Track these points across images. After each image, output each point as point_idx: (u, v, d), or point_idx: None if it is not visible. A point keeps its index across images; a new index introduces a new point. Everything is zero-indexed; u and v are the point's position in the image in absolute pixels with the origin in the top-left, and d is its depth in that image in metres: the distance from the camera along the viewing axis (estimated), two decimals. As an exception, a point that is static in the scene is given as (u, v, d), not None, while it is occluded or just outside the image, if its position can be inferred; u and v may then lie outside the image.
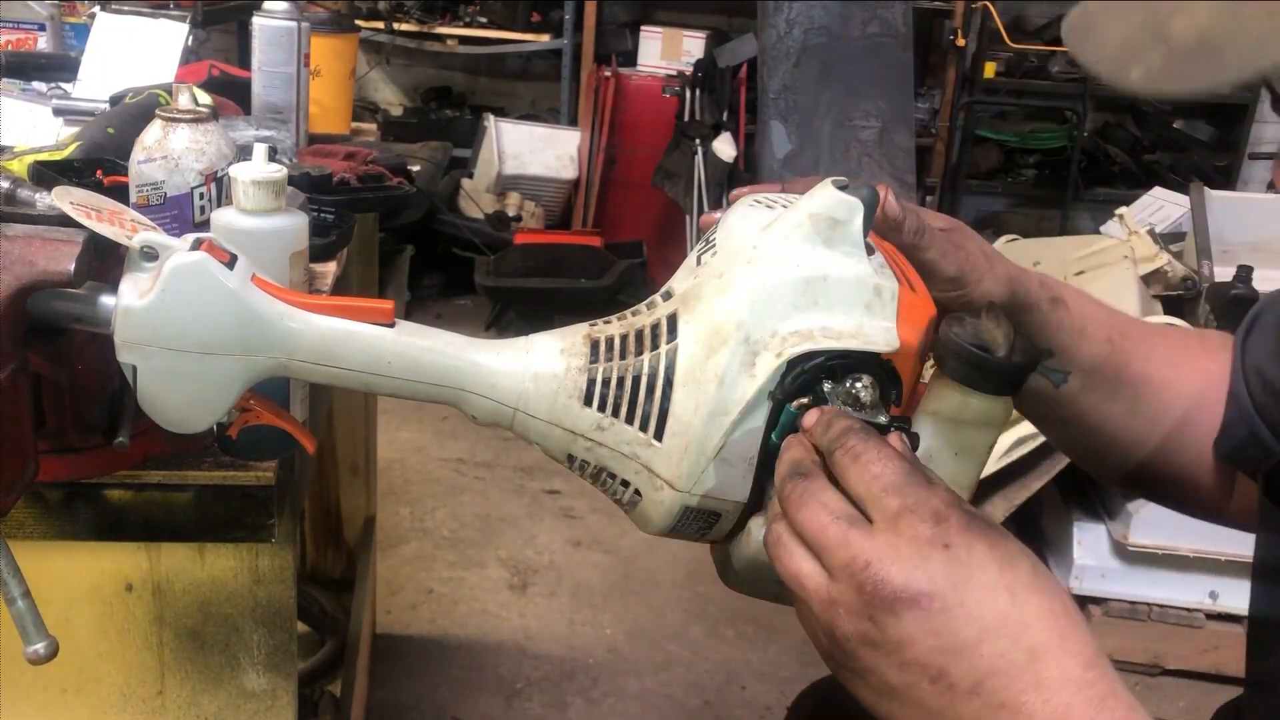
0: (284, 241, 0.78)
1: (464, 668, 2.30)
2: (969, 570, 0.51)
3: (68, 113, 1.42)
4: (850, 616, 0.53)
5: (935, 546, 0.52)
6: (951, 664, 0.51)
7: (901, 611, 0.51)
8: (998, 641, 0.51)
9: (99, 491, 0.78)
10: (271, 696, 0.87)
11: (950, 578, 0.51)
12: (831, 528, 0.54)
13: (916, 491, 0.53)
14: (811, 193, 0.62)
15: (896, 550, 0.52)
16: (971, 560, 0.52)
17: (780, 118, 4.03)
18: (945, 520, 0.52)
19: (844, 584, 0.53)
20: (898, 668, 0.52)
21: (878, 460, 0.54)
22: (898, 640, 0.52)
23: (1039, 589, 0.52)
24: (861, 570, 0.52)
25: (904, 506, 0.53)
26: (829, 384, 0.59)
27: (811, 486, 0.55)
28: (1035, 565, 0.53)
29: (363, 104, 4.73)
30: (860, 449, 0.55)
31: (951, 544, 0.52)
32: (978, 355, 0.60)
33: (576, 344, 0.64)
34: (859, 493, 0.54)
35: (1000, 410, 0.62)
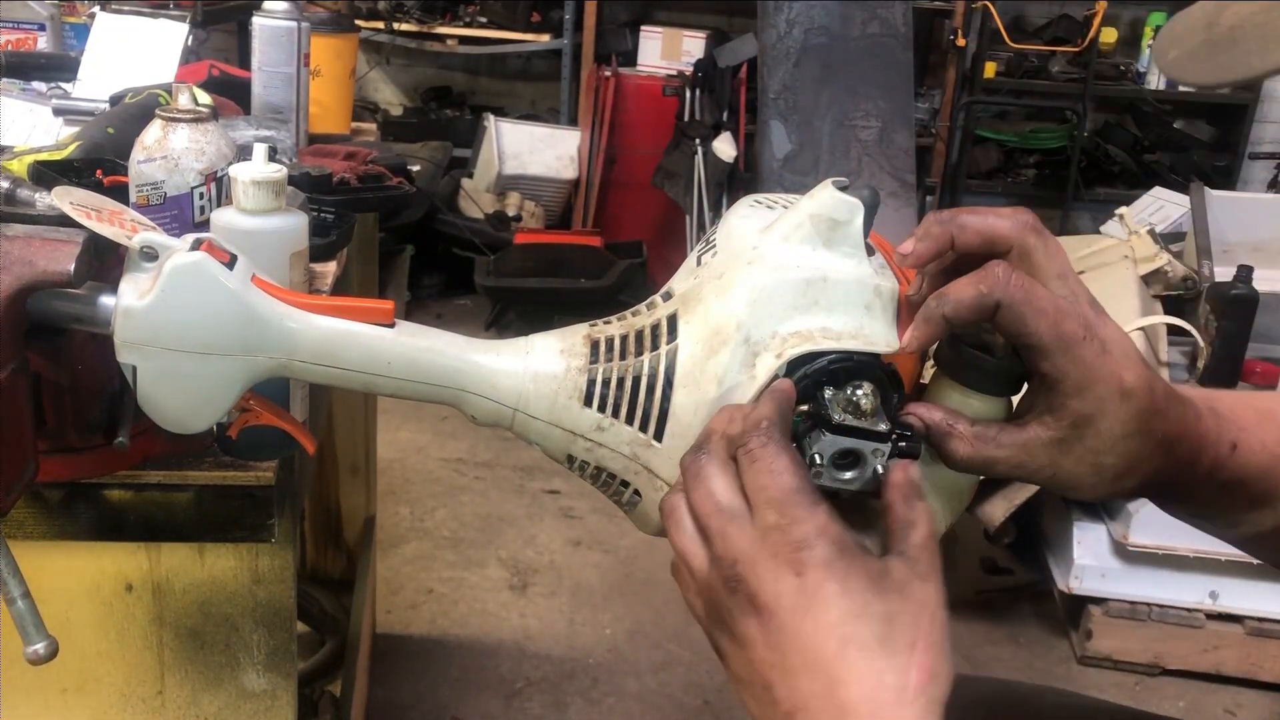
0: (284, 241, 0.78)
1: (464, 668, 2.30)
2: (810, 603, 0.52)
3: (68, 113, 1.42)
4: (716, 604, 0.56)
5: (789, 569, 0.53)
6: (777, 682, 0.53)
7: (749, 615, 0.54)
8: (814, 683, 0.52)
9: (99, 491, 0.78)
10: (271, 696, 0.87)
11: (790, 603, 0.53)
12: (714, 517, 0.56)
13: (793, 512, 0.54)
14: (812, 193, 0.61)
15: (758, 559, 0.54)
16: (817, 596, 0.52)
17: (780, 118, 4.03)
18: (809, 549, 0.53)
19: (715, 572, 0.56)
20: (744, 663, 0.55)
21: (767, 471, 0.55)
22: (744, 638, 0.55)
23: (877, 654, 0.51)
24: (730, 566, 0.55)
25: (776, 523, 0.54)
26: (830, 390, 0.59)
27: (707, 468, 0.57)
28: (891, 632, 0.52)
29: (363, 104, 4.73)
30: (758, 454, 0.56)
31: (803, 574, 0.53)
32: (978, 356, 0.60)
33: (576, 344, 0.64)
34: (749, 495, 0.56)
35: (1000, 411, 0.62)
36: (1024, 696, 0.96)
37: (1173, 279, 2.72)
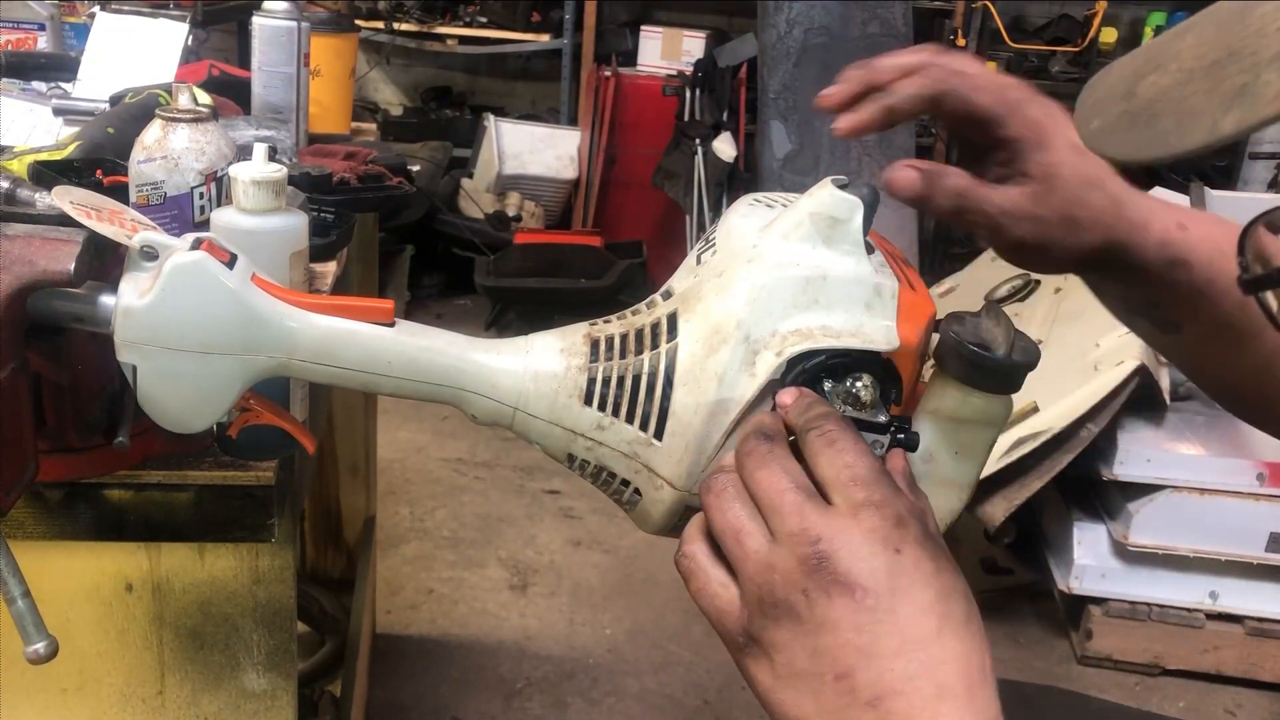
0: (284, 241, 0.78)
1: (464, 668, 2.30)
2: (910, 582, 0.51)
3: (68, 113, 1.42)
4: (784, 584, 0.52)
5: (887, 546, 0.51)
6: (861, 666, 0.50)
7: (835, 595, 0.51)
8: (911, 663, 0.50)
9: (99, 491, 0.78)
10: (271, 696, 0.87)
11: (891, 582, 0.51)
12: (790, 494, 0.53)
13: (884, 490, 0.53)
14: (811, 191, 0.62)
15: (849, 536, 0.51)
16: (916, 574, 0.51)
17: (780, 118, 4.03)
18: (905, 526, 0.52)
19: (787, 550, 0.52)
20: (810, 653, 0.51)
21: (852, 451, 0.54)
22: (820, 621, 0.51)
23: (966, 635, 0.51)
24: (810, 543, 0.51)
25: (868, 500, 0.52)
26: (829, 383, 0.59)
27: (777, 450, 0.55)
28: (970, 610, 0.52)
29: (363, 104, 4.73)
30: (837, 435, 0.54)
31: (903, 550, 0.51)
32: (978, 354, 0.60)
33: (576, 343, 0.64)
34: (826, 476, 0.54)
35: (1000, 409, 0.62)
36: (1029, 697, 0.97)
37: (1173, 279, 2.72)
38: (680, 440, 0.61)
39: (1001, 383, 0.61)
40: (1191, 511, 2.31)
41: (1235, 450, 2.33)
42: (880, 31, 4.06)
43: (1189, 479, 2.31)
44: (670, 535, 0.66)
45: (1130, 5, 4.83)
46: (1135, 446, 2.31)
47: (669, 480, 0.62)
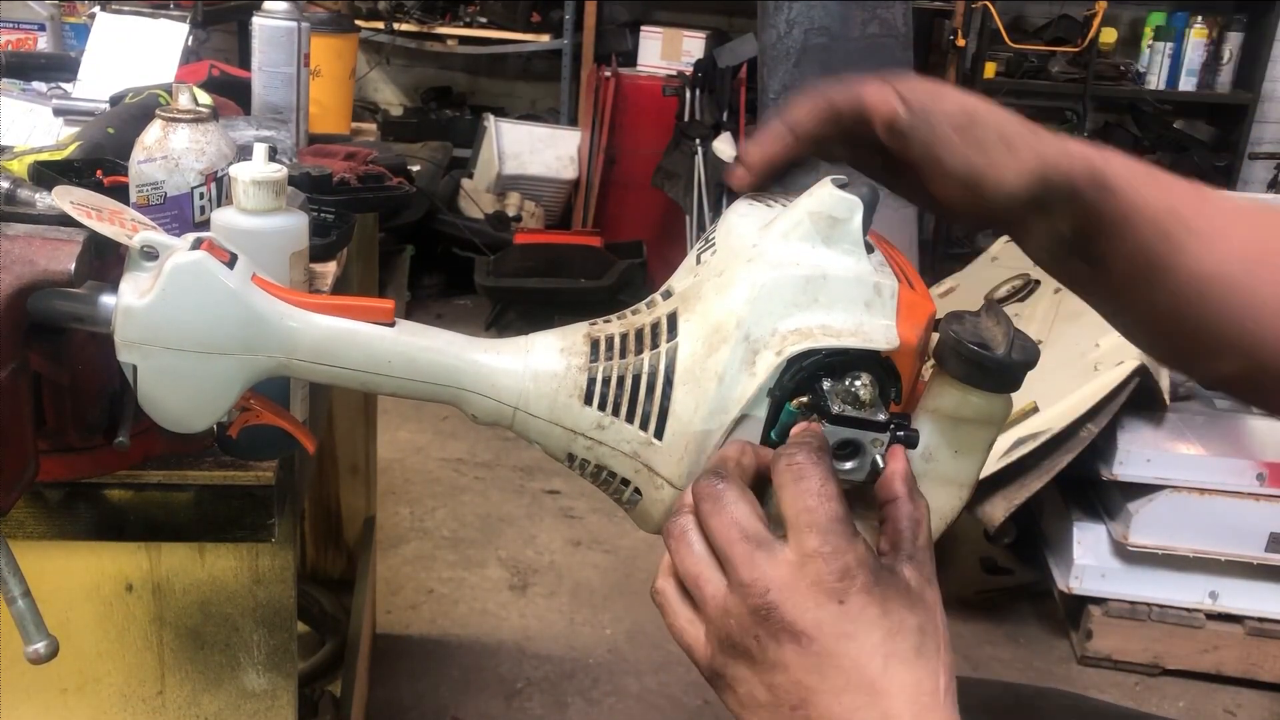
0: (284, 241, 0.78)
1: (464, 668, 2.30)
2: (854, 629, 0.54)
3: (68, 113, 1.42)
4: (739, 629, 0.55)
5: (831, 598, 0.54)
6: (812, 701, 0.54)
7: (784, 642, 0.54)
8: (857, 698, 0.54)
9: (99, 491, 0.78)
10: (271, 696, 0.87)
11: (834, 630, 0.54)
12: (739, 545, 0.56)
13: (836, 541, 0.54)
14: (811, 191, 0.62)
15: (796, 588, 0.54)
16: (859, 621, 0.54)
17: (780, 118, 4.03)
18: (851, 578, 0.54)
19: (739, 598, 0.55)
20: (767, 687, 0.55)
21: (815, 493, 0.55)
22: (773, 663, 0.55)
23: (917, 665, 0.55)
24: (760, 594, 0.55)
25: (818, 550, 0.54)
26: (828, 382, 0.59)
27: (728, 494, 0.57)
28: (921, 642, 0.55)
29: (363, 104, 4.73)
30: (807, 471, 0.56)
31: (846, 601, 0.54)
32: (977, 353, 0.60)
33: (576, 343, 0.64)
34: (786, 513, 0.56)
35: (1000, 408, 0.62)
36: (1028, 698, 0.97)
37: (1173, 279, 2.72)
38: (680, 440, 0.61)
39: (1001, 382, 0.61)
40: (1191, 511, 2.31)
41: (1235, 450, 2.33)
42: (880, 31, 4.06)
43: (1189, 479, 2.31)
44: (670, 535, 0.66)
45: (1130, 5, 4.83)
46: (1135, 446, 2.31)
47: (669, 480, 0.62)
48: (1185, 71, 4.67)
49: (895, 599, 0.55)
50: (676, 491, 0.62)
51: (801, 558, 0.54)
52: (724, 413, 0.60)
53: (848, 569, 0.54)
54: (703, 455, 0.61)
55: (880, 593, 0.55)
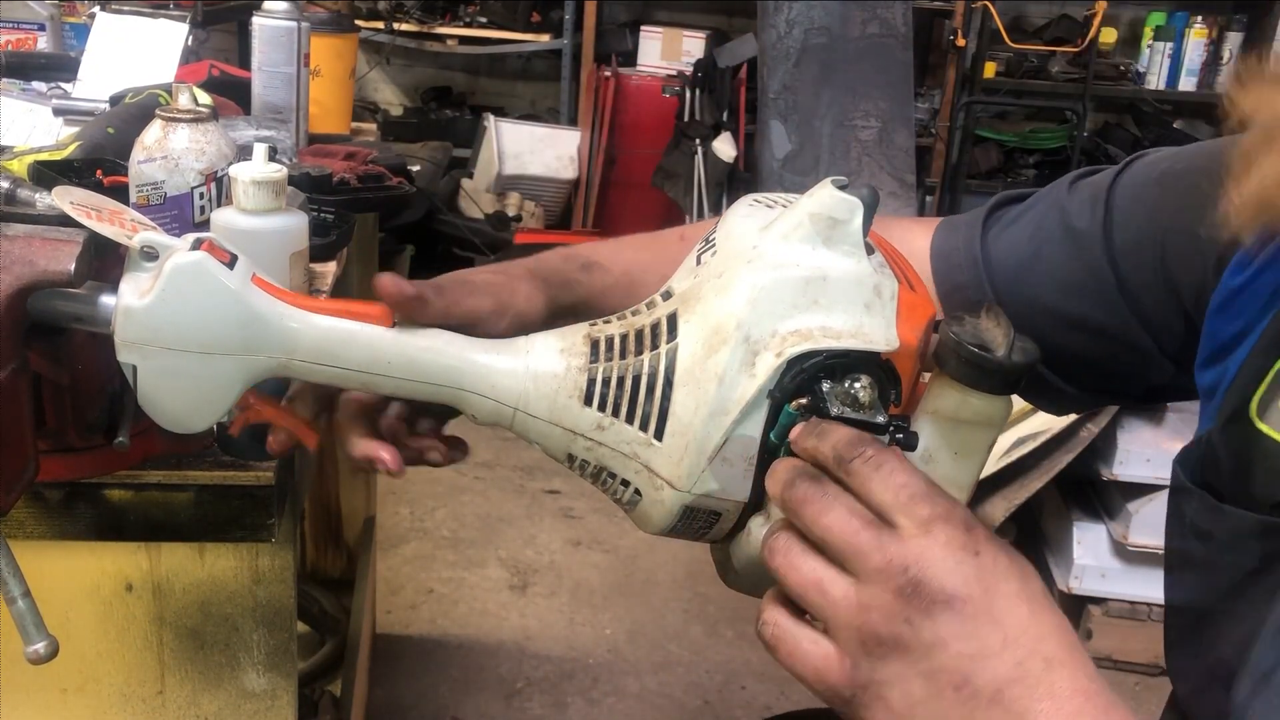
0: (284, 241, 0.79)
1: (464, 668, 2.30)
2: (995, 579, 0.53)
3: (68, 113, 1.42)
4: (885, 620, 0.53)
5: (968, 552, 0.53)
6: (976, 671, 0.52)
7: (937, 614, 0.52)
8: (1018, 649, 0.52)
9: (99, 491, 0.78)
10: (271, 696, 0.87)
11: (981, 583, 0.52)
12: (864, 533, 0.53)
13: (944, 500, 0.54)
14: (811, 192, 0.61)
15: (933, 554, 0.52)
16: (997, 569, 0.53)
17: (780, 118, 4.03)
18: (975, 528, 0.53)
19: (878, 588, 0.53)
20: (924, 676, 0.52)
21: (902, 470, 0.54)
22: (930, 644, 0.52)
23: (1049, 605, 0.54)
24: (900, 573, 0.52)
25: (934, 514, 0.53)
26: (828, 384, 0.59)
27: (830, 490, 0.55)
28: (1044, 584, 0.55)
29: (363, 104, 4.73)
30: (881, 458, 0.55)
31: (981, 551, 0.53)
32: (977, 354, 0.59)
33: (576, 344, 0.64)
34: (884, 500, 0.54)
35: (1000, 410, 0.62)
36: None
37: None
38: (680, 441, 0.61)
39: (1001, 384, 0.61)
40: (1191, 511, 2.31)
41: (1235, 450, 2.33)
42: (880, 31, 4.06)
43: (1189, 479, 2.31)
44: (670, 536, 0.66)
45: (1130, 5, 4.83)
46: (1135, 446, 2.31)
47: (669, 481, 0.62)
48: (1185, 71, 4.67)
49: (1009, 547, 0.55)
50: (676, 493, 0.62)
51: (923, 527, 0.53)
52: (724, 414, 0.60)
53: (968, 522, 0.53)
54: (702, 457, 0.61)
55: (999, 540, 0.54)
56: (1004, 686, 0.52)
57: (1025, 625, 0.52)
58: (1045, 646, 0.52)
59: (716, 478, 0.62)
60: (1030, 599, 0.53)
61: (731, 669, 2.35)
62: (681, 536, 0.66)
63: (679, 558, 2.68)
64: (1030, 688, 0.51)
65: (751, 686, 2.31)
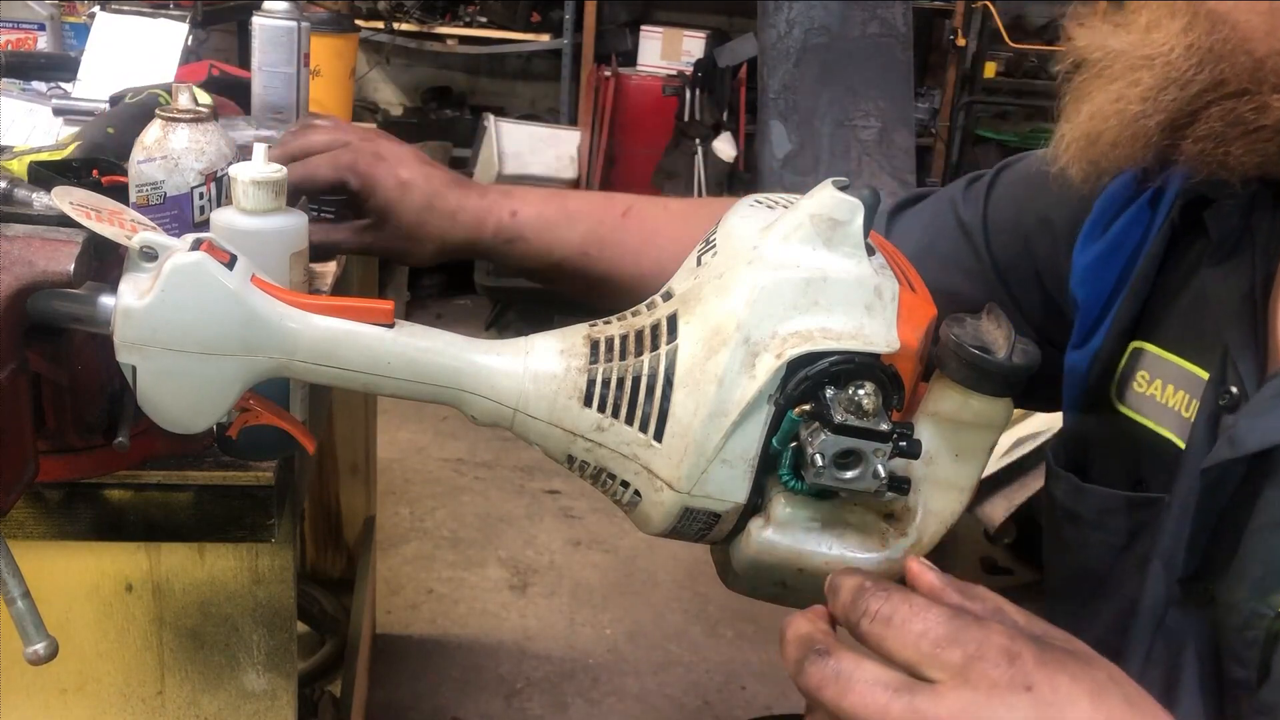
0: (284, 241, 0.78)
1: (464, 668, 2.30)
2: (1058, 710, 0.47)
3: (68, 113, 1.42)
4: None
5: (1016, 691, 0.47)
6: None
7: None
8: None
9: (99, 491, 0.78)
10: (271, 696, 0.87)
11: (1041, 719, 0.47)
12: (894, 705, 0.48)
13: (974, 634, 0.48)
14: (812, 193, 0.61)
15: (977, 705, 0.47)
16: (1057, 698, 0.47)
17: (780, 118, 4.03)
18: (1018, 657, 0.48)
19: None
20: None
21: (915, 616, 0.49)
22: None
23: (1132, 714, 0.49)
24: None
25: (968, 656, 0.48)
26: (831, 390, 0.59)
27: (844, 665, 0.50)
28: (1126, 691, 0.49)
29: (363, 104, 4.73)
30: (889, 610, 0.50)
31: (1034, 685, 0.47)
32: (978, 356, 0.59)
33: (576, 344, 0.64)
34: (907, 658, 0.49)
35: (1001, 411, 0.62)
36: None
37: (1173, 279, 2.72)
38: (680, 442, 0.61)
39: (1002, 386, 0.61)
40: (1191, 512, 2.31)
41: (1235, 451, 2.33)
42: (880, 31, 4.06)
43: (1189, 479, 2.31)
44: (670, 537, 0.66)
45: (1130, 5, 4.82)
46: (1135, 447, 2.31)
47: (669, 482, 0.62)
48: (1185, 71, 4.66)
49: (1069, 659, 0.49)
50: (676, 494, 0.62)
51: (960, 675, 0.47)
52: (723, 415, 0.60)
53: (1007, 650, 0.48)
54: (702, 458, 0.61)
55: (1055, 659, 0.48)
56: None
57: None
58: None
59: (716, 479, 0.61)
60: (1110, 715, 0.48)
61: (731, 669, 2.35)
62: (681, 538, 0.66)
63: (679, 558, 2.68)
64: None
65: (751, 686, 2.31)
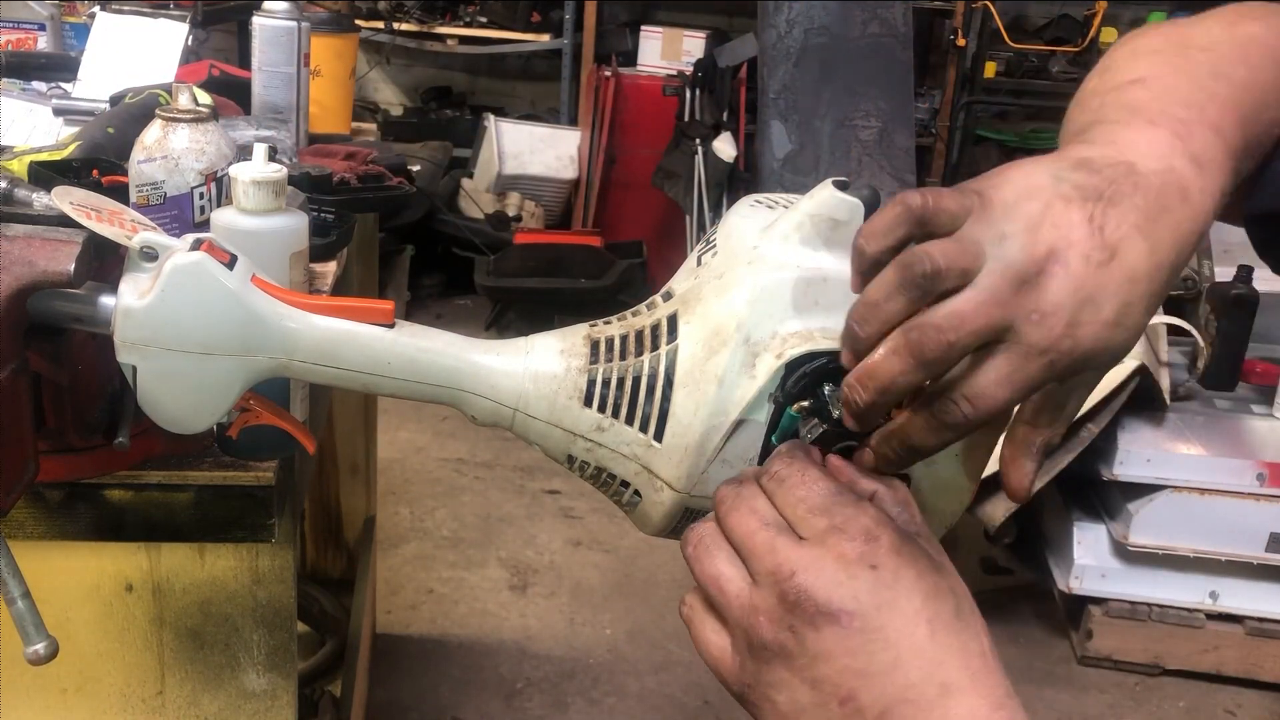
0: (284, 241, 0.78)
1: (464, 668, 2.30)
2: (893, 594, 0.51)
3: (68, 113, 1.42)
4: (770, 624, 0.52)
5: (862, 565, 0.51)
6: (862, 688, 0.51)
7: (822, 626, 0.51)
8: (910, 672, 0.50)
9: (99, 491, 0.78)
10: (271, 696, 0.87)
11: (874, 599, 0.51)
12: (760, 533, 0.54)
13: (844, 510, 0.53)
14: (812, 193, 0.61)
15: (823, 564, 0.52)
16: (897, 585, 0.51)
17: (780, 118, 4.03)
18: (875, 540, 0.52)
19: (767, 590, 0.53)
20: (810, 684, 0.51)
21: (801, 483, 0.54)
22: (814, 654, 0.51)
23: (958, 628, 0.52)
24: (786, 579, 0.52)
25: (831, 525, 0.52)
26: (829, 387, 0.59)
27: (744, 492, 0.56)
28: (959, 604, 0.53)
29: (363, 104, 4.73)
30: (784, 473, 0.55)
31: (879, 565, 0.52)
32: (978, 356, 0.59)
33: (576, 344, 0.64)
34: (787, 515, 0.54)
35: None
36: None
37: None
38: (680, 442, 0.61)
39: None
40: (1191, 511, 2.31)
41: (1235, 450, 2.33)
42: (880, 31, 4.06)
43: (1189, 479, 2.31)
44: (670, 537, 0.66)
45: (1130, 5, 4.83)
46: (1135, 446, 2.31)
47: (669, 482, 0.62)
48: (1185, 71, 4.66)
49: (923, 559, 0.53)
50: (676, 494, 0.62)
51: (819, 537, 0.52)
52: (724, 415, 0.60)
53: (869, 531, 0.52)
54: (702, 458, 0.61)
55: (910, 553, 0.52)
56: (891, 706, 0.50)
57: (920, 648, 0.51)
58: (943, 671, 0.50)
59: (716, 479, 0.61)
60: (932, 619, 0.51)
61: (731, 669, 2.35)
62: (681, 537, 0.66)
63: (679, 558, 2.67)
64: (920, 710, 0.50)
65: (751, 686, 2.31)
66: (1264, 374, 2.47)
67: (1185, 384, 2.42)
